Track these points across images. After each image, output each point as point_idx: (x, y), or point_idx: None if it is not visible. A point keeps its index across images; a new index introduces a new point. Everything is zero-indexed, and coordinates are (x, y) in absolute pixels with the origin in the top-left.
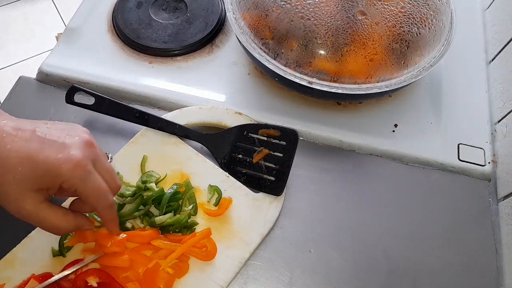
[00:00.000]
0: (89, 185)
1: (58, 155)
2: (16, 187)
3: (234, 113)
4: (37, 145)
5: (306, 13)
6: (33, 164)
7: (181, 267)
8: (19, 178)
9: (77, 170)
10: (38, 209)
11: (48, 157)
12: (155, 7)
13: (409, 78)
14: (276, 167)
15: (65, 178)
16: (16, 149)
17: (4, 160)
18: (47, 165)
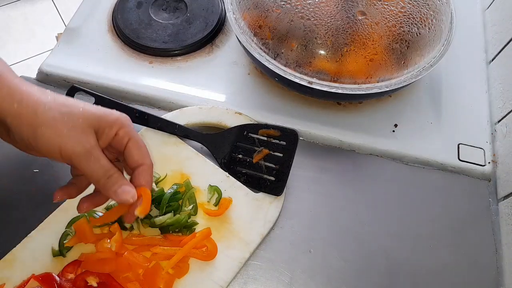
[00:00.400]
0: (139, 137)
1: (110, 110)
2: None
3: (234, 113)
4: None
5: (306, 13)
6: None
7: (181, 267)
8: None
9: (131, 123)
10: (96, 147)
11: (104, 109)
12: (155, 7)
13: (409, 78)
14: (276, 167)
15: (122, 124)
16: (71, 101)
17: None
18: (107, 111)
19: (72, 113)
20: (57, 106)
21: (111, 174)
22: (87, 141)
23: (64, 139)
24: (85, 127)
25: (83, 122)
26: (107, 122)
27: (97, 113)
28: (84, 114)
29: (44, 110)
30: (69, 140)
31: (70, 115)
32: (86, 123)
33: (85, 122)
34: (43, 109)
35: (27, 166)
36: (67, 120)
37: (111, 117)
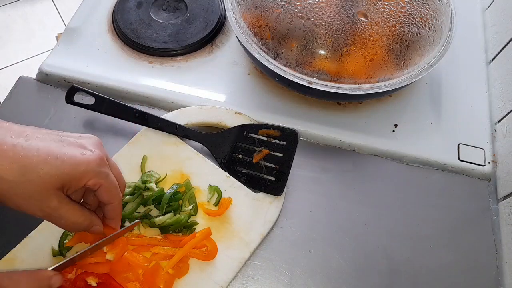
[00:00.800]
0: (111, 180)
1: (81, 153)
2: (40, 186)
3: (234, 113)
4: (57, 145)
5: (306, 13)
6: (58, 162)
7: (181, 267)
8: (44, 177)
9: (102, 167)
10: (61, 205)
11: (73, 155)
12: (155, 7)
13: (409, 78)
14: (276, 167)
15: (92, 175)
16: (35, 148)
17: (25, 159)
18: (74, 162)
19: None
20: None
21: (79, 223)
22: (47, 206)
23: (26, 207)
24: (44, 193)
25: (42, 189)
26: (74, 178)
27: (59, 174)
28: (43, 179)
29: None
30: (29, 208)
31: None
32: (45, 188)
33: (44, 189)
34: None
35: None
36: (19, 192)
37: (77, 172)
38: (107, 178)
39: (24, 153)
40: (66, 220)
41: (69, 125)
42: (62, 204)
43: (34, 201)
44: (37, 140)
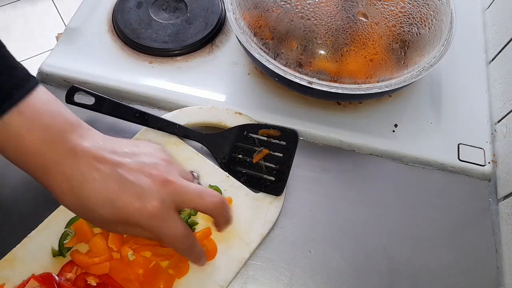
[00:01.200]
0: (165, 232)
1: (136, 204)
2: (101, 221)
3: (234, 113)
4: (117, 187)
5: (306, 13)
6: (112, 210)
7: (181, 268)
8: (101, 217)
9: (153, 221)
10: (127, 231)
11: (126, 205)
12: (155, 7)
13: (409, 78)
14: (276, 167)
15: (142, 228)
16: (97, 191)
17: (86, 200)
18: (126, 213)
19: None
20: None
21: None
22: (115, 230)
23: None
24: (106, 225)
25: (104, 223)
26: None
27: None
28: (102, 218)
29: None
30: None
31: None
32: (107, 223)
33: (105, 223)
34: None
35: None
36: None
37: (129, 221)
38: (161, 230)
39: (87, 195)
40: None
41: None
42: (127, 230)
43: (101, 225)
44: (102, 178)
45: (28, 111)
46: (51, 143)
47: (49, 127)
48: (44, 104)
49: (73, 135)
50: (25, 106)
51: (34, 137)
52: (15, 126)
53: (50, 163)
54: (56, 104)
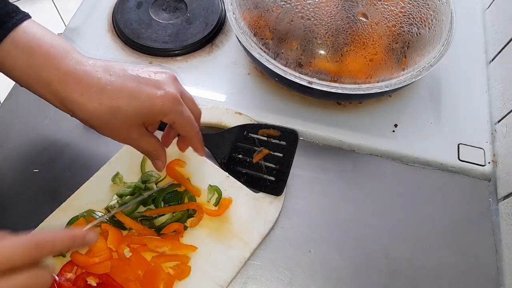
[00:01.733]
0: (185, 115)
1: (157, 92)
2: (125, 123)
3: (234, 113)
4: (135, 84)
5: (306, 13)
6: (138, 103)
7: (183, 269)
8: (128, 116)
9: (176, 105)
10: (140, 137)
11: (149, 95)
12: (155, 7)
13: (409, 78)
14: (276, 167)
15: (166, 113)
16: (118, 89)
17: (111, 101)
18: (150, 103)
19: (114, 119)
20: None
21: (149, 152)
22: (130, 137)
23: (112, 136)
24: (128, 128)
25: (126, 125)
26: (151, 116)
27: (139, 113)
28: (127, 118)
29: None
30: (115, 137)
31: (111, 122)
32: (128, 125)
33: (128, 125)
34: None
35: (27, 166)
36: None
37: (153, 111)
38: (181, 114)
39: (110, 95)
40: (141, 148)
41: (69, 126)
42: (141, 136)
43: (120, 133)
44: (118, 78)
45: (33, 29)
46: (60, 56)
47: (54, 44)
48: (43, 28)
49: (76, 53)
50: (29, 26)
51: (44, 50)
52: (25, 41)
53: (65, 72)
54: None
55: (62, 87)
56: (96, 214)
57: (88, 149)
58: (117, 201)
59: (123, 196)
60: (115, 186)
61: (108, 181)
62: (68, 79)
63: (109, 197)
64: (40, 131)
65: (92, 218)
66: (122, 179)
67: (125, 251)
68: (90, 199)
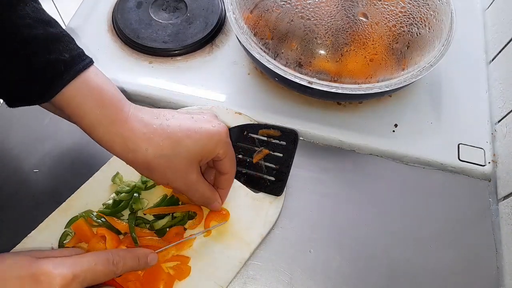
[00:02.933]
0: (232, 150)
1: (211, 125)
2: (187, 158)
3: (234, 113)
4: (190, 121)
5: (306, 13)
6: (197, 135)
7: (183, 269)
8: (189, 150)
9: (228, 137)
10: (199, 179)
11: (206, 128)
12: (155, 7)
13: (409, 78)
14: (276, 167)
15: (222, 144)
16: (177, 125)
17: (173, 135)
18: (208, 134)
19: (176, 156)
20: (168, 149)
21: (206, 197)
22: (190, 179)
23: (172, 179)
24: (188, 167)
25: (187, 162)
26: (209, 149)
27: (200, 147)
28: (189, 153)
29: (153, 155)
30: (173, 180)
31: (173, 160)
32: (189, 162)
33: (189, 162)
34: (156, 138)
35: (27, 166)
36: (171, 166)
37: (212, 143)
38: (231, 147)
39: (170, 130)
40: (200, 193)
41: (69, 126)
42: (199, 178)
43: (180, 174)
44: (174, 119)
45: (100, 73)
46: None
47: (117, 88)
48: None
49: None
50: (97, 69)
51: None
52: (95, 82)
53: (128, 112)
54: None
55: (126, 126)
56: (93, 215)
57: (88, 149)
58: (113, 199)
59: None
60: (115, 186)
61: (108, 181)
62: (132, 119)
63: (109, 197)
64: (40, 131)
65: (91, 219)
66: (122, 179)
67: None
68: (90, 199)
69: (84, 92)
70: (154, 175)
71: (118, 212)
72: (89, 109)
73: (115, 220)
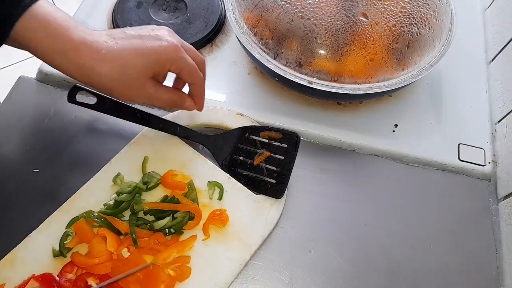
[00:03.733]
0: (189, 62)
1: (160, 44)
2: (137, 78)
3: (235, 114)
4: (138, 41)
5: (306, 13)
6: (145, 55)
7: (183, 271)
8: (138, 70)
9: (179, 52)
10: (157, 89)
11: (154, 47)
12: (155, 7)
13: (409, 78)
14: (277, 169)
15: (172, 61)
16: (125, 48)
17: (121, 58)
18: (156, 53)
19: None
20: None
21: (173, 100)
22: (148, 92)
23: (130, 96)
24: (142, 83)
25: (140, 80)
26: (160, 66)
27: (149, 65)
28: (139, 72)
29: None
30: (133, 97)
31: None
32: (142, 79)
33: (141, 79)
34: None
35: (27, 166)
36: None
37: (161, 61)
38: (186, 61)
39: (118, 54)
40: (164, 100)
41: (70, 125)
42: (158, 88)
43: (136, 91)
44: (123, 40)
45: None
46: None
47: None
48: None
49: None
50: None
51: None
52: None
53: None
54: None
55: (77, 54)
56: (94, 215)
57: (88, 149)
58: (114, 199)
59: (122, 193)
60: (116, 186)
61: (109, 182)
62: (81, 47)
63: (110, 197)
64: (40, 131)
65: (92, 219)
66: (123, 179)
67: (123, 251)
68: (91, 199)
69: (34, 26)
70: (114, 95)
71: (119, 212)
72: (40, 42)
73: (116, 220)
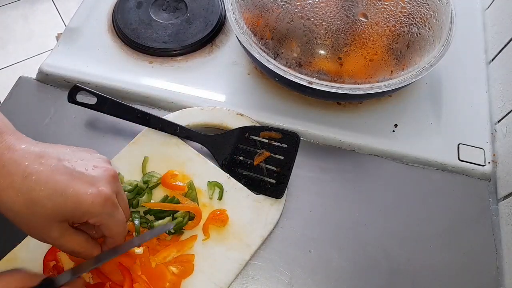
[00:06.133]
0: (115, 219)
1: (88, 190)
2: (43, 219)
3: (235, 114)
4: (65, 177)
5: (306, 13)
6: (62, 199)
7: (186, 268)
8: (47, 212)
9: (107, 207)
10: (61, 236)
11: (78, 192)
12: (155, 7)
13: (409, 78)
14: (277, 169)
15: (94, 214)
16: (43, 181)
17: (31, 193)
18: (77, 200)
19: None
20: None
21: (77, 252)
22: (49, 236)
23: (29, 233)
24: (46, 225)
25: (44, 222)
26: (76, 216)
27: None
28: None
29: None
30: (32, 235)
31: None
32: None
33: (46, 222)
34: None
35: None
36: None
37: (79, 211)
38: (110, 218)
39: (32, 186)
40: (65, 249)
41: (70, 125)
42: (63, 235)
43: (37, 231)
44: (48, 169)
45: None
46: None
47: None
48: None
49: (9, 135)
50: None
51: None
52: None
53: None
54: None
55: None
56: None
57: None
58: None
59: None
60: None
61: None
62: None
63: None
64: (40, 131)
65: None
66: (123, 179)
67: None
68: None
69: None
70: (18, 226)
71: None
72: None
73: None
